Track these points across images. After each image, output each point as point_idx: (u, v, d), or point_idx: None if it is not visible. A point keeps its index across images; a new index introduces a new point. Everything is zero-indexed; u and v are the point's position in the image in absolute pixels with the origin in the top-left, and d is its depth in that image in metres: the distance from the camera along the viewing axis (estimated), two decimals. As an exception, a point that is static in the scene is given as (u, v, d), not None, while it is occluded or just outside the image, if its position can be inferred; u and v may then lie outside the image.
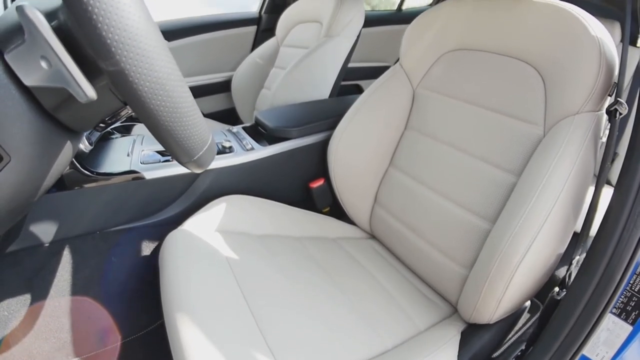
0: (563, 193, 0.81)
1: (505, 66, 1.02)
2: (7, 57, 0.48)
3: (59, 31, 0.45)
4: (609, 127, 0.88)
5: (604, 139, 0.88)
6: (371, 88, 1.29)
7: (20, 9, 0.43)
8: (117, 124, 1.41)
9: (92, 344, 1.09)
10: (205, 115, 2.46)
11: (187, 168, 0.59)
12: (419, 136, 1.19)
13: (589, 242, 0.83)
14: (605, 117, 0.88)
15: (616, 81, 0.86)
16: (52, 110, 0.54)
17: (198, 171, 0.56)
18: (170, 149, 0.50)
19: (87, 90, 0.46)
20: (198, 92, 2.46)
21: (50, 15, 0.45)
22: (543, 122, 0.93)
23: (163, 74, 0.42)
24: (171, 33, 2.35)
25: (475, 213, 1.01)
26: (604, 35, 0.86)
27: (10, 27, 0.49)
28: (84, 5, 0.36)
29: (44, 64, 0.46)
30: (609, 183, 1.79)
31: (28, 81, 0.48)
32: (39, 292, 1.04)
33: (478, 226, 1.00)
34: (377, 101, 1.26)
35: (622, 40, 2.01)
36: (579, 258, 0.90)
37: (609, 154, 0.85)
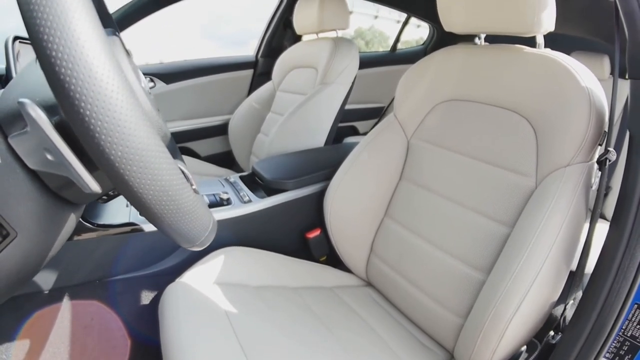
0: (555, 246, 0.82)
1: (498, 117, 1.04)
2: (10, 141, 0.49)
3: (61, 127, 0.46)
4: (599, 175, 0.89)
5: (595, 187, 0.90)
6: (366, 139, 1.31)
7: (22, 105, 0.44)
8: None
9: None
10: (202, 158, 2.49)
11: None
12: (414, 187, 1.21)
13: (586, 278, 0.84)
14: (595, 166, 0.90)
15: (606, 129, 0.88)
16: (56, 190, 0.55)
17: (200, 249, 0.58)
18: (172, 239, 0.51)
19: (91, 184, 0.48)
20: (195, 134, 2.49)
21: (51, 110, 0.46)
22: (535, 173, 0.95)
23: (166, 183, 0.43)
24: (170, 76, 2.39)
25: (469, 264, 1.02)
26: (593, 84, 0.88)
27: (13, 112, 0.50)
28: (86, 124, 0.37)
29: (47, 155, 0.47)
30: (603, 217, 1.81)
31: (32, 165, 0.50)
32: (38, 337, 1.04)
33: (472, 277, 1.01)
34: (371, 153, 1.28)
35: (611, 73, 2.05)
36: (575, 296, 0.91)
37: (599, 202, 0.86)
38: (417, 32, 3.43)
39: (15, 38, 1.41)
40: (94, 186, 0.48)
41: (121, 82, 0.39)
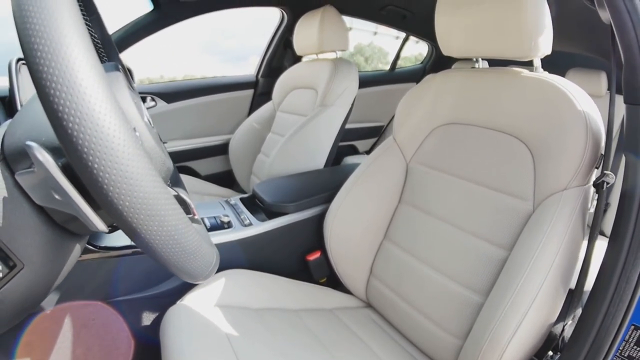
0: (553, 269, 0.83)
1: (496, 141, 1.06)
2: (17, 178, 0.50)
3: (67, 168, 0.46)
4: (596, 197, 0.89)
5: (592, 210, 0.91)
6: (366, 162, 1.32)
7: (29, 148, 0.45)
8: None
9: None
10: (203, 178, 2.50)
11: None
12: (413, 210, 1.22)
13: (585, 296, 0.85)
14: (592, 189, 0.91)
15: (602, 152, 0.89)
16: (62, 223, 0.56)
17: (203, 281, 0.59)
18: (177, 275, 0.52)
19: (98, 224, 0.48)
20: (196, 154, 2.51)
21: (57, 152, 0.46)
22: (532, 197, 0.96)
23: (172, 228, 0.44)
24: (171, 95, 2.42)
25: (468, 286, 1.03)
26: (590, 107, 0.89)
27: (19, 150, 0.51)
28: (95, 177, 0.38)
29: (54, 194, 0.47)
30: (602, 233, 1.81)
31: (38, 201, 0.51)
32: (39, 356, 1.05)
33: (471, 299, 1.01)
34: (371, 176, 1.29)
35: (609, 89, 2.06)
36: (574, 314, 0.92)
37: (597, 224, 0.87)
38: (417, 47, 3.44)
39: (19, 59, 1.43)
40: (101, 226, 0.49)
41: (127, 134, 0.40)
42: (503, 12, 0.97)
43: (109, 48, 0.89)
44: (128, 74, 0.90)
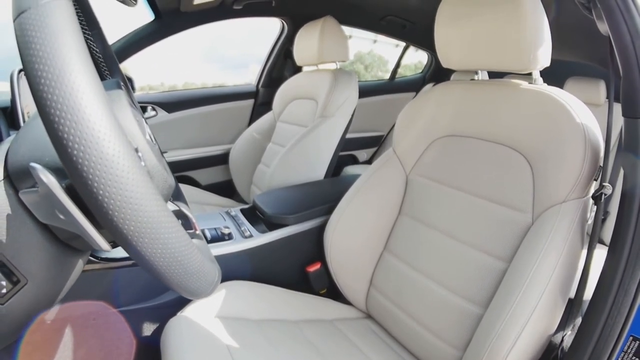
0: (552, 280, 0.84)
1: (495, 153, 1.06)
2: (21, 196, 0.50)
3: (71, 190, 0.46)
4: (595, 209, 0.90)
5: (591, 221, 0.91)
6: (366, 174, 1.33)
7: (33, 170, 0.45)
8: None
9: None
10: (203, 187, 2.50)
11: None
12: (412, 222, 1.22)
13: (585, 305, 0.85)
14: (591, 201, 0.91)
15: (601, 164, 0.89)
16: (65, 240, 0.56)
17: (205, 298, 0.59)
18: (180, 294, 0.52)
19: (102, 244, 0.49)
20: (196, 163, 2.52)
21: (61, 173, 0.46)
22: (531, 209, 0.96)
23: (175, 250, 0.45)
24: (172, 105, 2.43)
25: (467, 298, 1.03)
26: (588, 120, 0.90)
27: (23, 168, 0.51)
28: (100, 202, 0.39)
29: (58, 213, 0.48)
30: (602, 242, 1.81)
31: (42, 219, 0.51)
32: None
33: (470, 311, 1.01)
34: (371, 188, 1.29)
35: (607, 98, 2.07)
36: (574, 324, 0.92)
37: (596, 234, 0.88)
38: (416, 55, 3.46)
39: (21, 70, 1.44)
40: (105, 245, 0.49)
41: (131, 160, 0.41)
42: (502, 24, 0.98)
43: (110, 63, 0.90)
44: (129, 87, 0.91)
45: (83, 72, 0.39)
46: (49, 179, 0.45)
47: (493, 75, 1.19)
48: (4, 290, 0.50)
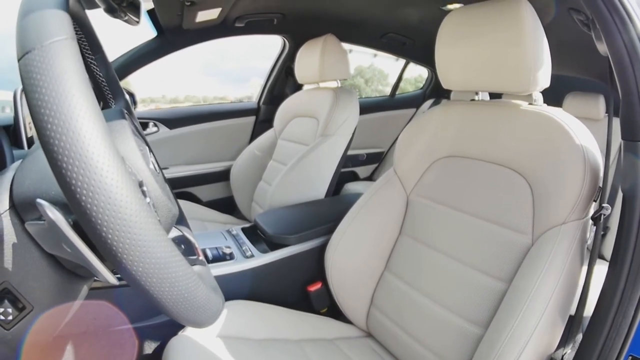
0: (552, 301, 0.84)
1: (495, 174, 1.06)
2: (27, 228, 0.51)
3: (78, 225, 0.46)
4: (594, 230, 0.91)
5: (590, 242, 0.92)
6: (367, 194, 1.33)
7: (39, 206, 0.45)
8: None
9: None
10: (204, 204, 2.51)
11: None
12: (413, 242, 1.23)
13: (586, 321, 0.86)
14: (590, 222, 0.91)
15: (600, 185, 0.89)
16: (71, 269, 0.56)
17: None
18: (186, 325, 0.53)
19: (108, 277, 0.49)
20: (198, 180, 2.53)
21: (67, 208, 0.46)
22: (531, 231, 0.96)
23: (183, 288, 0.46)
24: (174, 121, 2.45)
25: (467, 318, 1.03)
26: (588, 141, 0.90)
27: (29, 200, 0.51)
28: (109, 246, 0.40)
29: (65, 246, 0.48)
30: (602, 257, 1.81)
31: (49, 250, 0.52)
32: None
33: (470, 331, 1.01)
34: (371, 208, 1.30)
35: (607, 112, 2.08)
36: (575, 340, 0.92)
37: (595, 255, 0.88)
38: (416, 69, 3.48)
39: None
40: (111, 279, 0.49)
41: (139, 203, 0.42)
42: (502, 47, 0.99)
43: (113, 86, 0.91)
44: (132, 110, 0.91)
45: (89, 116, 0.40)
46: (55, 216, 0.45)
47: (494, 94, 1.19)
48: (10, 317, 0.51)
